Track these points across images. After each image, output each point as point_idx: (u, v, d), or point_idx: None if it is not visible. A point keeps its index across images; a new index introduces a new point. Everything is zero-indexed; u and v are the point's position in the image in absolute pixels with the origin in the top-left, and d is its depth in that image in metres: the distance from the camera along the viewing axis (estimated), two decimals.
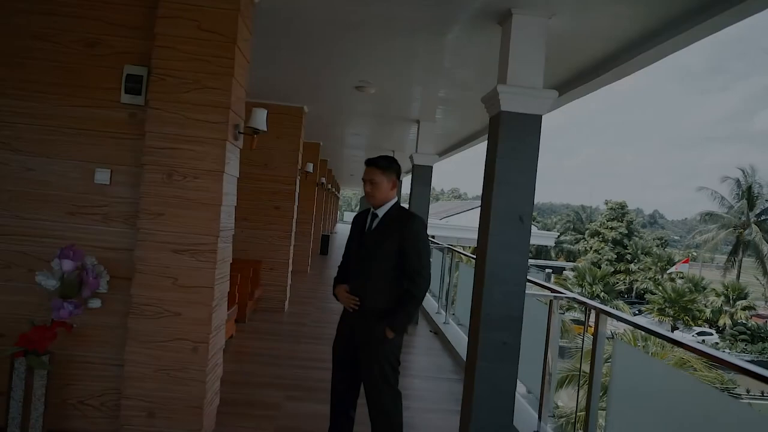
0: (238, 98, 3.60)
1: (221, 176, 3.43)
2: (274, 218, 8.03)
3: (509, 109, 3.52)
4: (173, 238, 3.41)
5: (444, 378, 5.52)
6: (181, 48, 3.40)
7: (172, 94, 3.40)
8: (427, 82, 5.93)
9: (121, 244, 3.49)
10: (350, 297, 3.09)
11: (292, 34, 4.78)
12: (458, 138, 9.22)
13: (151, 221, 3.40)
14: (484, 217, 3.66)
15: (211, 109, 3.42)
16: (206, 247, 3.42)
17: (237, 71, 3.49)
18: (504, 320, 3.54)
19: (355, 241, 3.18)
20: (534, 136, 3.54)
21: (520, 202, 3.54)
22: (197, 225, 3.42)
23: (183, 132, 3.41)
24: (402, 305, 2.99)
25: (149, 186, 3.40)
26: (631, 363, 3.38)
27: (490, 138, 3.72)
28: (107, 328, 3.49)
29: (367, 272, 3.06)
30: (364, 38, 4.65)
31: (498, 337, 3.54)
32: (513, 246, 3.55)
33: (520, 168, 3.53)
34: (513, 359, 3.54)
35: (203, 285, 3.42)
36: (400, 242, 3.00)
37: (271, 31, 4.70)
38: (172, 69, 3.40)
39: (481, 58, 4.75)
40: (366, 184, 3.10)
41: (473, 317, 3.72)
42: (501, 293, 3.54)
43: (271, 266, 8.02)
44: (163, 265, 3.41)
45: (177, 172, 3.41)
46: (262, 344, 6.14)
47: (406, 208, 3.19)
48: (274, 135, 7.90)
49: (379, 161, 3.10)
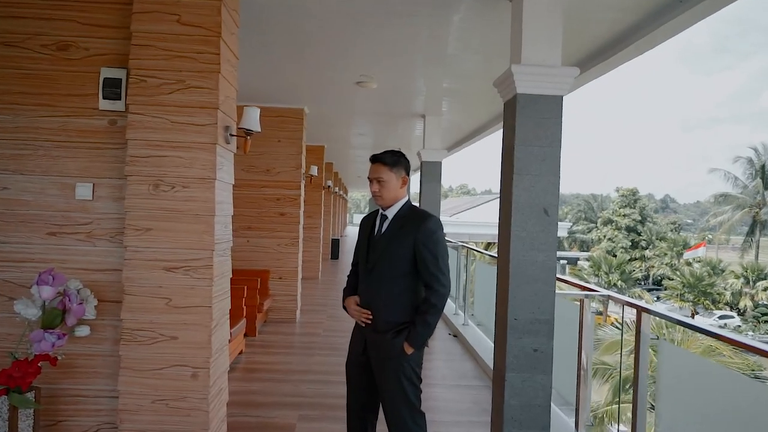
0: (227, 97, 3.28)
1: (213, 184, 3.12)
2: (279, 225, 7.72)
3: (526, 91, 3.18)
4: (164, 254, 3.10)
5: (467, 386, 5.17)
6: (160, 45, 3.09)
7: (154, 96, 3.09)
8: (431, 72, 5.60)
9: (109, 264, 3.18)
10: (361, 310, 2.76)
11: (284, 30, 4.47)
12: (467, 131, 8.88)
13: (139, 237, 3.09)
14: (505, 212, 3.32)
15: (198, 110, 3.10)
16: (201, 263, 3.11)
17: (224, 68, 3.17)
18: (533, 324, 3.20)
19: (364, 247, 2.84)
20: (555, 120, 3.19)
21: (543, 193, 3.20)
22: (189, 239, 3.10)
23: (168, 137, 3.10)
24: (420, 317, 2.65)
25: (134, 199, 3.09)
26: (679, 363, 3.04)
27: (506, 125, 3.38)
28: (98, 357, 3.18)
29: (379, 281, 2.73)
30: (361, 27, 4.33)
31: (528, 344, 3.20)
32: (539, 241, 3.21)
33: (542, 155, 3.19)
34: (546, 368, 3.20)
35: (200, 304, 3.11)
36: (415, 246, 2.67)
37: (262, 27, 4.39)
38: (153, 69, 3.09)
39: (489, 41, 4.42)
40: (372, 183, 2.77)
41: (498, 322, 3.38)
42: (528, 295, 3.20)
43: (279, 275, 7.72)
44: (155, 285, 3.10)
45: (164, 182, 3.10)
46: (274, 359, 5.83)
47: (419, 208, 2.85)
48: (274, 139, 7.64)
49: (386, 157, 2.77)
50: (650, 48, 3.78)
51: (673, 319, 3.09)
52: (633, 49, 3.79)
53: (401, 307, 2.71)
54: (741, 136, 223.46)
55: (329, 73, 5.79)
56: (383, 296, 2.72)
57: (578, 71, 3.20)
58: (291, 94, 7.01)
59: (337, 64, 5.40)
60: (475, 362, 5.91)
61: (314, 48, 4.93)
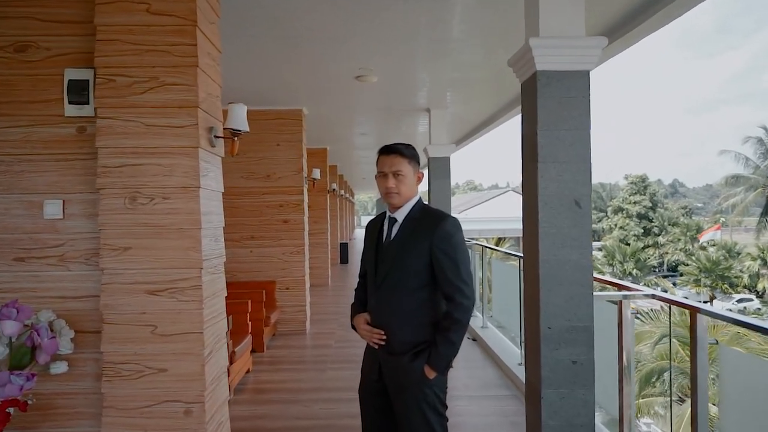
0: (209, 95, 2.91)
1: (197, 193, 2.74)
2: (283, 233, 7.35)
3: (547, 67, 2.78)
4: (146, 276, 2.73)
5: (492, 396, 4.78)
6: (129, 39, 2.73)
7: (125, 97, 2.73)
8: (434, 60, 5.20)
9: (85, 290, 2.81)
10: (372, 330, 2.38)
11: (275, 24, 4.09)
12: (475, 122, 8.46)
13: (116, 258, 2.72)
14: (529, 206, 2.93)
15: (176, 110, 2.73)
16: (188, 283, 2.73)
17: (203, 61, 2.80)
18: (570, 333, 2.80)
19: (372, 257, 2.45)
20: (582, 98, 2.80)
21: (573, 183, 2.80)
22: (174, 257, 2.73)
23: (144, 143, 2.73)
24: (442, 335, 2.26)
25: (109, 215, 2.72)
26: (741, 367, 2.64)
27: (524, 108, 2.99)
28: (79, 396, 2.82)
29: (391, 296, 2.34)
30: (356, 14, 3.94)
31: (565, 356, 2.80)
32: (571, 238, 2.81)
33: (569, 140, 2.79)
34: (587, 382, 2.80)
35: (190, 330, 2.73)
36: (431, 252, 2.27)
37: (250, 23, 4.02)
38: (121, 66, 2.73)
39: (498, 20, 4.02)
40: (388, 178, 2.35)
41: (529, 332, 2.98)
42: (562, 299, 2.80)
43: (286, 285, 7.35)
44: (138, 312, 2.72)
45: (141, 193, 2.73)
46: (284, 376, 5.45)
47: (433, 207, 2.46)
48: (273, 143, 7.29)
49: (403, 147, 2.37)
50: (680, 14, 3.37)
51: (731, 318, 2.68)
52: (663, 15, 3.37)
53: (419, 324, 2.32)
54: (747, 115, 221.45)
55: (326, 69, 5.41)
56: (397, 313, 2.33)
57: (606, 41, 2.80)
58: (288, 94, 6.63)
59: (333, 57, 5.02)
60: (498, 369, 5.51)
61: (308, 41, 4.55)
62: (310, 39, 4.49)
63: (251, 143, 7.18)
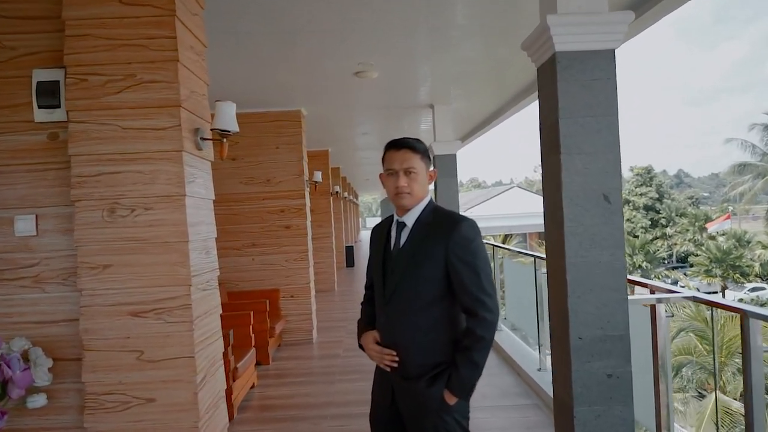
0: (193, 92, 2.63)
1: (182, 201, 2.46)
2: (286, 239, 7.07)
3: (567, 47, 2.50)
4: (128, 296, 2.45)
5: (512, 406, 4.48)
6: (101, 33, 2.45)
7: (99, 98, 2.46)
8: (436, 52, 4.92)
9: (64, 313, 2.54)
10: (383, 351, 2.09)
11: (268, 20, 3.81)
12: (481, 117, 8.16)
13: (96, 277, 2.45)
14: (552, 203, 2.64)
15: (156, 111, 2.46)
16: (176, 303, 2.46)
17: (184, 55, 2.52)
18: (604, 343, 2.51)
19: (379, 267, 2.16)
20: (608, 80, 2.51)
21: (602, 175, 2.51)
22: (159, 274, 2.46)
23: (121, 148, 2.46)
24: (463, 355, 1.97)
25: (86, 230, 2.45)
26: None
27: (542, 94, 2.70)
28: (61, 431, 2.54)
29: (403, 312, 2.05)
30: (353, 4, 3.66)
31: (599, 369, 2.51)
32: (600, 237, 2.52)
33: (596, 127, 2.50)
34: (625, 397, 2.51)
35: (179, 355, 2.46)
36: (447, 260, 1.98)
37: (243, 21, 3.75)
38: (94, 64, 2.46)
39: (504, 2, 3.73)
40: (398, 176, 2.04)
41: (557, 342, 2.69)
42: (594, 306, 2.51)
43: (290, 293, 7.07)
44: (121, 336, 2.45)
45: (121, 204, 2.46)
46: (290, 390, 5.17)
47: (444, 209, 2.16)
48: (272, 146, 7.01)
49: (415, 142, 2.08)
50: None
51: None
52: None
53: (436, 343, 2.03)
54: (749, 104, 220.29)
55: (324, 65, 5.13)
56: (411, 331, 2.04)
57: (632, 15, 2.51)
58: (285, 95, 6.36)
59: (331, 52, 4.74)
60: (516, 375, 5.21)
61: (304, 36, 4.27)
62: (306, 33, 4.21)
63: (249, 147, 6.93)
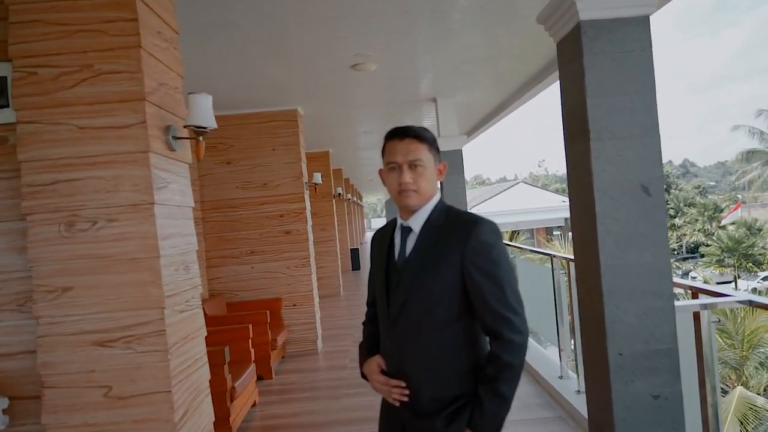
0: (161, 84, 2.29)
1: (151, 210, 2.12)
2: (286, 245, 6.72)
3: (594, 15, 2.14)
4: (93, 323, 2.11)
5: (535, 420, 4.12)
6: (51, 19, 2.11)
7: (51, 94, 2.11)
8: (438, 39, 4.56)
9: (20, 344, 2.21)
10: (390, 383, 1.73)
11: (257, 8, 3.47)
12: (487, 109, 7.79)
13: (54, 302, 2.10)
14: (581, 196, 2.28)
15: (117, 106, 2.11)
16: (148, 329, 2.11)
17: (148, 40, 2.18)
18: (649, 359, 2.15)
19: (382, 281, 1.79)
20: (643, 52, 2.15)
21: (639, 162, 2.16)
22: (127, 296, 2.11)
23: (79, 151, 2.12)
24: (488, 386, 1.61)
25: (41, 247, 2.11)
26: None
27: (564, 73, 2.34)
28: None
29: (412, 336, 1.69)
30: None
31: (643, 389, 2.15)
32: (639, 234, 2.16)
33: (630, 107, 2.14)
34: (676, 423, 2.14)
35: (154, 390, 2.11)
36: (464, 271, 1.63)
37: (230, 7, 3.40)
38: (44, 54, 2.12)
39: None
40: (402, 171, 1.68)
41: (591, 359, 2.33)
42: (635, 316, 2.15)
43: (293, 302, 6.72)
44: (85, 370, 2.11)
45: (81, 216, 2.11)
46: (294, 408, 4.83)
47: (459, 209, 1.80)
48: (268, 148, 6.67)
49: (421, 130, 1.71)
50: None
51: None
52: None
53: (453, 373, 1.67)
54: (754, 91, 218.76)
55: (318, 59, 4.78)
56: (422, 358, 1.68)
57: None
58: (280, 93, 6.00)
59: (325, 43, 4.39)
60: (535, 384, 4.85)
61: (295, 27, 3.93)
62: (298, 22, 3.86)
63: (245, 150, 6.61)
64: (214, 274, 6.62)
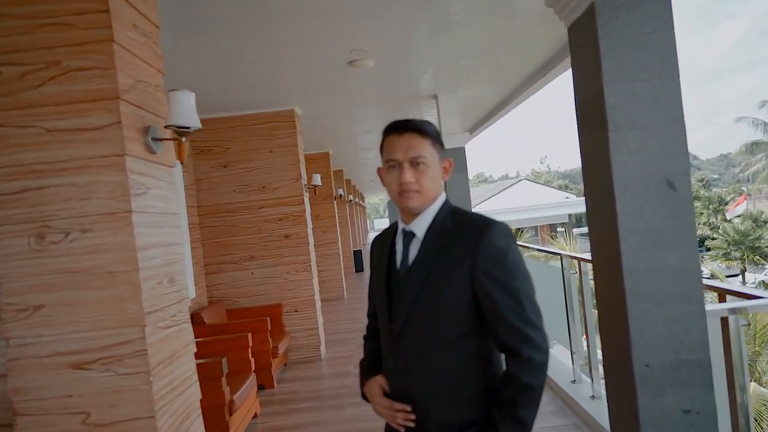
0: (138, 81, 2.10)
1: (128, 219, 1.93)
2: (286, 249, 6.53)
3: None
4: (68, 344, 1.93)
5: (551, 428, 3.92)
6: (16, 12, 1.93)
7: (16, 94, 1.93)
8: (437, 31, 4.37)
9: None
10: (393, 406, 1.54)
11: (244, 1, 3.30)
12: (490, 105, 7.59)
13: (25, 322, 1.92)
14: (599, 194, 2.09)
15: (88, 106, 1.93)
16: (128, 348, 1.93)
17: (122, 34, 2.00)
18: (678, 370, 1.96)
19: (383, 292, 1.60)
20: (664, 33, 1.96)
21: (663, 154, 1.97)
22: (104, 313, 1.93)
23: (48, 156, 1.93)
24: (504, 411, 1.42)
25: (9, 261, 1.93)
26: None
27: (578, 59, 2.15)
28: None
29: (416, 353, 1.51)
30: None
31: (672, 403, 1.96)
32: (666, 234, 1.97)
33: (653, 94, 1.96)
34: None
35: (136, 415, 1.93)
36: (474, 281, 1.44)
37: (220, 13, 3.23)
38: (8, 51, 1.94)
39: None
40: (403, 169, 1.49)
41: (614, 370, 2.14)
42: (662, 323, 1.96)
43: (294, 307, 6.54)
44: (61, 395, 1.92)
45: (52, 227, 1.93)
46: (297, 419, 4.64)
47: (467, 211, 1.61)
48: (265, 150, 6.49)
49: (423, 124, 1.52)
50: None
51: None
52: None
53: (464, 395, 1.48)
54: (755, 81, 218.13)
55: (314, 55, 4.59)
56: (428, 379, 1.49)
57: None
58: (276, 93, 5.82)
59: (320, 38, 4.20)
60: (547, 389, 4.65)
61: (288, 21, 3.74)
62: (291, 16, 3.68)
63: (241, 152, 6.43)
64: (213, 280, 6.44)
